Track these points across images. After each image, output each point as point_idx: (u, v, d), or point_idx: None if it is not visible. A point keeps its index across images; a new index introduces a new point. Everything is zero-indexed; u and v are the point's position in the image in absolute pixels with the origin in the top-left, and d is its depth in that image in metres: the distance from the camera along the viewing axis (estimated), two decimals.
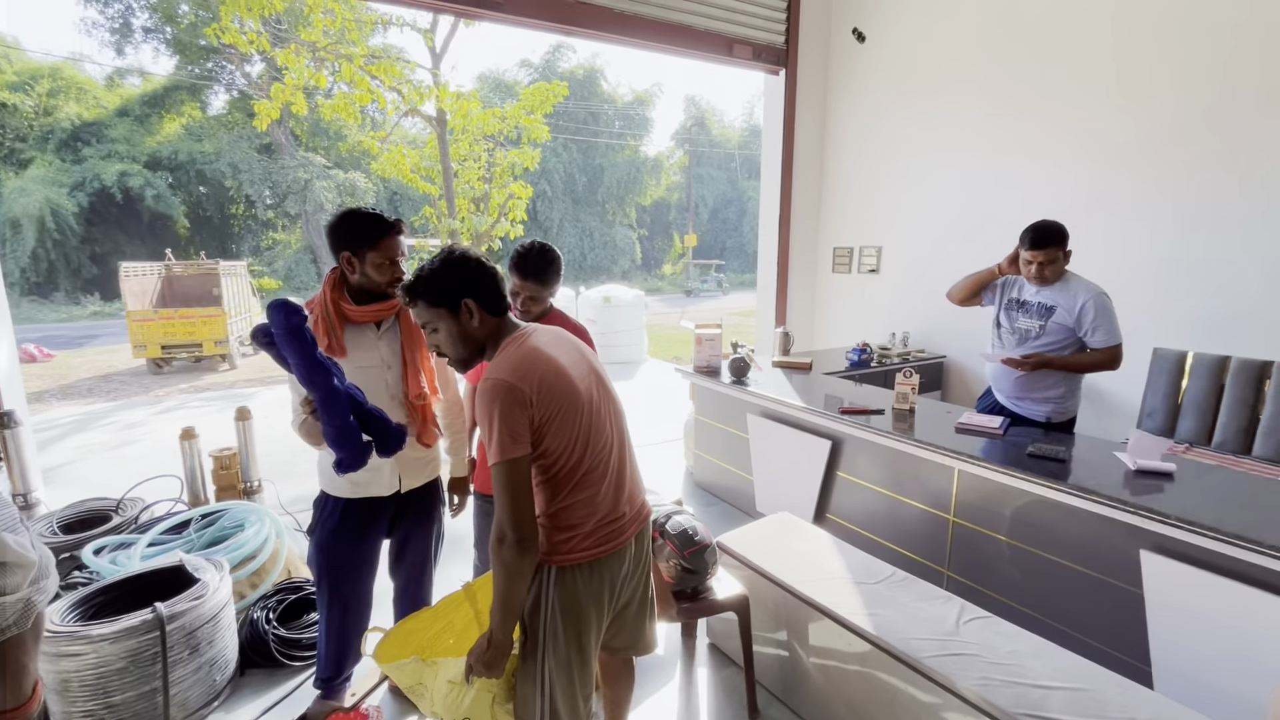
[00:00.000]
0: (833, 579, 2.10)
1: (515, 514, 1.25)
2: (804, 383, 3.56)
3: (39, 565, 0.70)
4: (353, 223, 1.73)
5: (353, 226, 1.73)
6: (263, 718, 2.12)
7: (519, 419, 1.27)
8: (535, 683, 1.40)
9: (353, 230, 1.72)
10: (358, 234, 1.72)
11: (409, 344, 1.87)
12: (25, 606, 0.70)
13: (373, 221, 1.74)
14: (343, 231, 1.73)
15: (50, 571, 0.72)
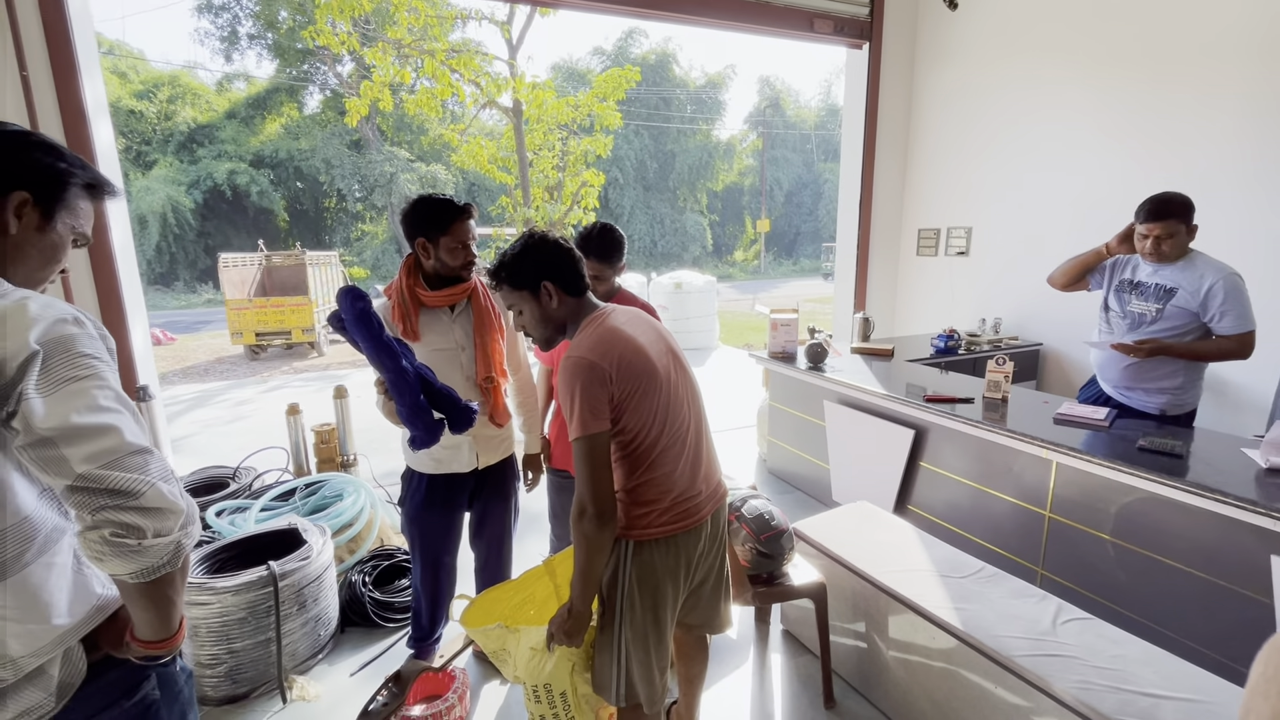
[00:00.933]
0: (916, 571, 2.03)
1: (595, 488, 1.28)
2: (885, 370, 3.43)
3: (186, 513, 0.78)
4: (425, 209, 1.78)
5: (425, 213, 1.78)
6: (360, 671, 2.28)
7: (599, 396, 1.29)
8: (612, 653, 1.43)
9: (425, 216, 1.78)
10: (430, 220, 1.78)
11: (479, 328, 1.93)
12: (176, 548, 0.78)
13: (443, 207, 1.78)
14: (416, 218, 1.79)
15: (195, 519, 0.81)
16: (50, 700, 0.84)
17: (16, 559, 0.78)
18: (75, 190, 0.92)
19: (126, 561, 0.75)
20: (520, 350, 2.11)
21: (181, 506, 0.79)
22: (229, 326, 10.19)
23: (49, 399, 0.74)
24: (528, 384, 2.16)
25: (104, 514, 0.73)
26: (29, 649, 0.81)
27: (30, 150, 0.87)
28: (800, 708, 2.07)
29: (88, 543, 0.74)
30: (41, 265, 0.91)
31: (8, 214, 0.84)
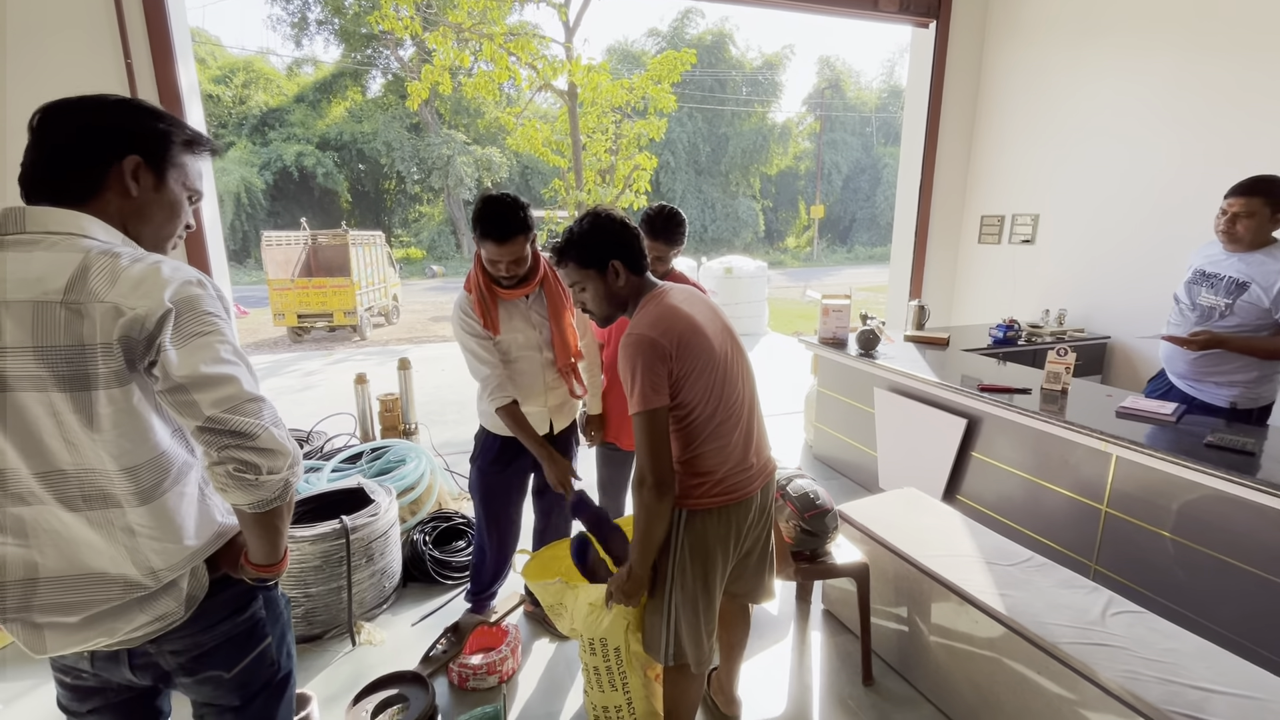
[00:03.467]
0: (962, 557, 2.03)
1: (655, 460, 1.35)
2: (939, 359, 3.38)
3: (293, 455, 0.89)
4: (476, 215, 1.81)
5: (476, 218, 1.81)
6: (421, 622, 2.45)
7: (659, 372, 1.36)
8: (662, 615, 1.51)
9: (476, 220, 1.82)
10: (476, 228, 1.82)
11: (554, 313, 2.03)
12: (285, 485, 0.89)
13: (486, 223, 1.78)
14: (473, 219, 1.83)
15: (300, 462, 0.92)
16: (180, 609, 0.97)
17: (156, 487, 0.91)
18: (178, 148, 0.98)
19: (246, 493, 0.87)
20: (585, 319, 2.19)
21: (290, 449, 0.90)
22: (271, 307, 9.89)
23: (181, 351, 0.86)
24: (592, 349, 2.26)
25: (227, 452, 0.85)
26: (166, 564, 0.94)
27: (134, 115, 0.94)
28: (838, 683, 2.11)
29: (215, 475, 0.86)
30: (165, 223, 1.00)
31: (126, 178, 0.92)
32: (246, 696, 1.07)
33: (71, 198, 0.89)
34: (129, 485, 0.89)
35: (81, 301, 0.82)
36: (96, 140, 0.91)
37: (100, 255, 0.85)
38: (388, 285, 11.75)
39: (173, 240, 1.03)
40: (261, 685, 1.09)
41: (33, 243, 0.85)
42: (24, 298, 0.81)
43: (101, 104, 0.92)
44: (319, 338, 10.23)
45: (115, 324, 0.82)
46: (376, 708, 1.90)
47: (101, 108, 0.92)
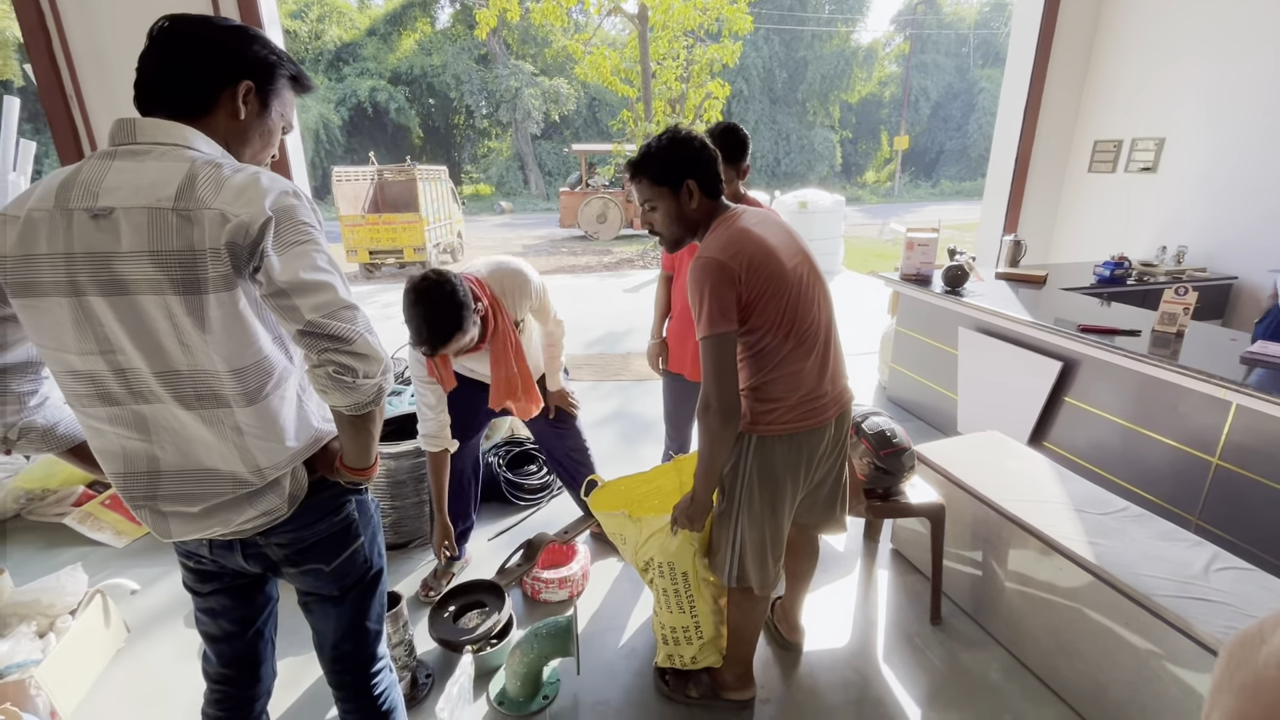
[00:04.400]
0: (1048, 503, 1.93)
1: (720, 386, 1.33)
2: (1033, 298, 3.14)
3: (385, 362, 0.92)
4: (407, 319, 1.74)
5: (407, 321, 1.75)
6: (497, 537, 2.59)
7: (728, 296, 1.31)
8: (728, 538, 1.53)
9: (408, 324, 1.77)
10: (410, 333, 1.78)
11: (494, 362, 2.02)
12: (378, 390, 0.93)
13: (415, 336, 1.74)
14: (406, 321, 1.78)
15: (391, 369, 0.95)
16: (284, 506, 1.05)
17: (260, 389, 0.97)
18: (283, 80, 1.04)
19: (344, 395, 0.91)
20: (550, 308, 2.17)
21: (382, 356, 0.93)
22: (344, 243, 9.79)
23: (282, 257, 0.88)
24: (554, 336, 2.24)
25: (327, 355, 0.88)
26: (270, 462, 1.01)
27: (251, 43, 0.98)
28: (905, 620, 2.10)
29: (316, 378, 0.90)
30: (262, 148, 1.05)
31: (238, 100, 0.97)
32: (344, 588, 1.16)
33: (185, 113, 0.94)
34: (237, 386, 0.94)
35: (191, 208, 0.86)
36: (217, 62, 0.95)
37: (205, 165, 0.88)
38: (453, 222, 11.57)
39: (267, 160, 1.07)
40: (356, 579, 1.18)
41: (144, 152, 0.89)
42: (139, 204, 0.85)
43: (224, 28, 0.96)
44: (390, 274, 10.16)
45: (222, 230, 0.86)
46: (459, 609, 2.05)
47: (223, 31, 0.95)
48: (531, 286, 2.06)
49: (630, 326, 6.13)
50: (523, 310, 2.10)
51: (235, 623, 1.18)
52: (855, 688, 1.84)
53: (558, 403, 2.32)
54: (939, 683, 1.85)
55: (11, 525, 2.75)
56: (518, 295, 2.04)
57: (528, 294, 2.06)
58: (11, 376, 0.98)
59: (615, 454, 3.27)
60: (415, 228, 9.76)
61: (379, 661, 1.26)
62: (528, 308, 2.10)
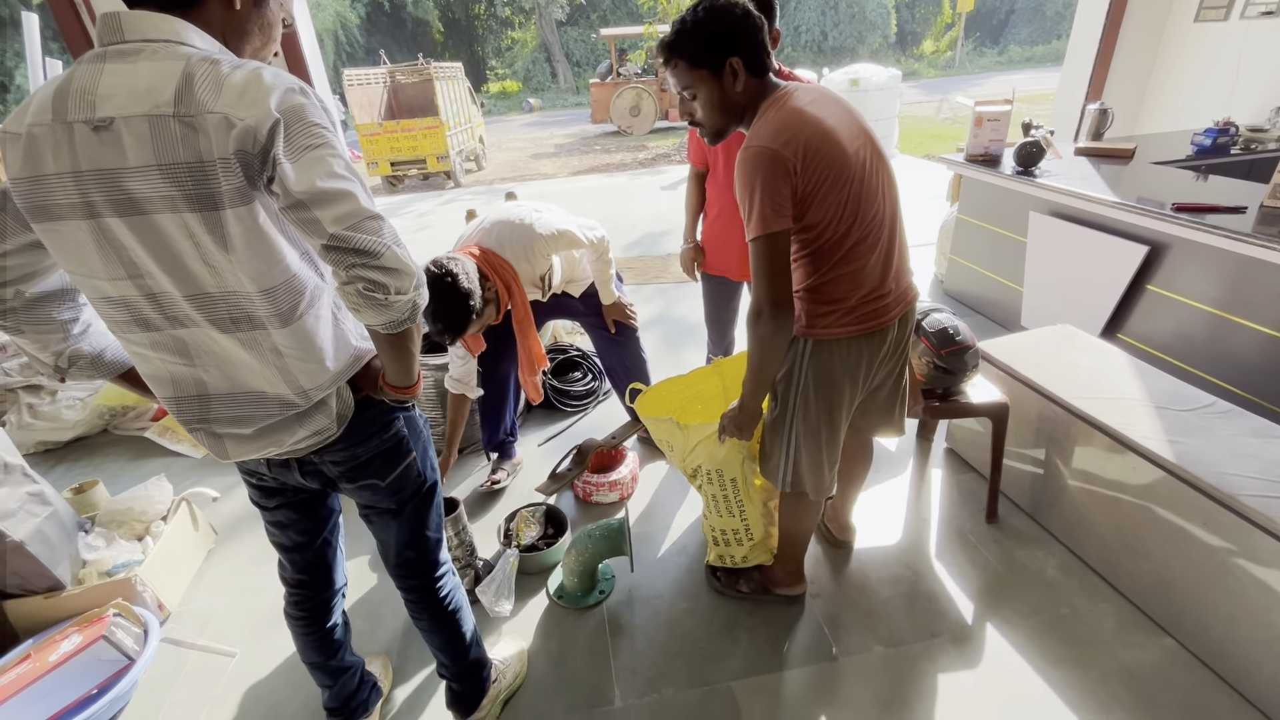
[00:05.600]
0: (1123, 400, 1.81)
1: (773, 289, 1.22)
2: (1117, 174, 2.82)
3: (417, 276, 0.86)
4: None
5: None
6: (547, 443, 2.65)
7: (781, 189, 1.18)
8: (781, 446, 1.48)
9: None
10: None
11: (519, 330, 2.01)
12: (413, 306, 0.88)
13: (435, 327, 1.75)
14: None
15: (424, 283, 0.89)
16: (333, 425, 1.04)
17: (293, 309, 0.93)
18: None
19: (378, 313, 0.86)
20: (580, 240, 2.01)
21: (413, 269, 0.87)
22: (364, 154, 9.06)
23: (296, 165, 0.81)
24: (599, 251, 2.10)
25: (355, 270, 0.82)
26: (313, 383, 0.99)
27: None
28: (959, 518, 2.08)
29: (346, 295, 0.85)
30: (263, 44, 0.95)
31: None
32: (400, 501, 1.19)
33: (175, 4, 0.84)
34: (269, 307, 0.90)
35: (193, 114, 0.78)
36: None
37: (201, 62, 0.80)
38: (474, 126, 10.75)
39: (270, 57, 0.97)
40: (412, 493, 1.19)
41: (135, 52, 0.81)
42: (138, 112, 0.78)
43: None
44: (414, 187, 9.57)
45: (228, 137, 0.79)
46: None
47: None
48: (542, 239, 1.92)
49: (669, 227, 5.92)
50: (544, 263, 1.99)
51: (302, 534, 1.23)
52: (906, 582, 1.85)
53: (615, 316, 2.24)
54: (992, 578, 1.85)
55: (100, 440, 2.96)
56: (531, 252, 1.93)
57: (540, 249, 1.93)
58: (51, 304, 0.97)
59: (659, 358, 3.23)
60: (437, 133, 9.02)
61: (441, 567, 1.30)
62: (550, 256, 2.00)
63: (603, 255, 2.10)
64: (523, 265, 1.93)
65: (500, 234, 1.91)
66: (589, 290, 2.23)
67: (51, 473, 2.75)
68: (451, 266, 1.70)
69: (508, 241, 1.90)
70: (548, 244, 1.94)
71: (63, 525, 1.88)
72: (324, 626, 1.31)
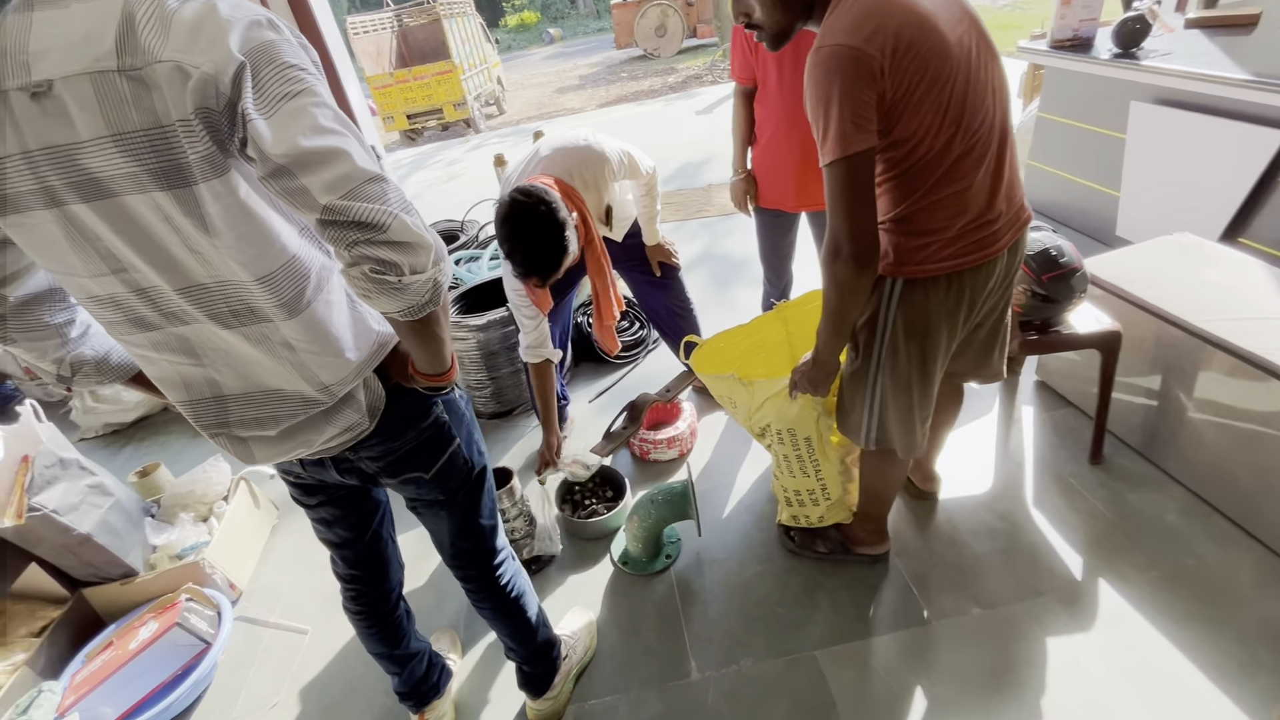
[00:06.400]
0: (1263, 319, 1.54)
1: (853, 222, 1.02)
2: (1238, 46, 2.39)
3: (435, 248, 0.70)
4: (501, 240, 1.53)
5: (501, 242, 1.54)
6: (598, 399, 2.53)
7: (864, 98, 0.95)
8: (864, 400, 1.31)
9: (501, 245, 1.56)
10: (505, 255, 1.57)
11: (596, 274, 1.83)
12: (434, 286, 0.73)
13: (513, 262, 1.54)
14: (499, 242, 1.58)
15: (445, 255, 0.74)
16: (365, 420, 0.93)
17: (299, 297, 0.79)
18: None
19: (393, 299, 0.71)
20: (640, 166, 1.82)
21: (429, 241, 0.71)
22: (378, 110, 8.60)
23: (271, 120, 0.65)
24: (648, 186, 1.90)
25: (359, 249, 0.67)
26: (335, 378, 0.86)
27: None
28: (1057, 460, 1.87)
29: (353, 281, 0.70)
30: None
31: None
32: (449, 491, 1.08)
33: None
34: (270, 297, 0.77)
35: (139, 66, 0.63)
36: None
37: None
38: (489, 66, 10.14)
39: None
40: (460, 481, 1.08)
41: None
42: (76, 69, 0.63)
43: None
44: (434, 138, 9.14)
45: (185, 91, 0.63)
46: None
47: None
48: (610, 164, 1.72)
49: (708, 154, 5.55)
50: (610, 191, 1.79)
51: (350, 529, 1.15)
52: (1002, 535, 1.69)
53: (659, 257, 2.05)
54: (1102, 527, 1.66)
55: (162, 419, 3.01)
56: (600, 179, 1.72)
57: (609, 172, 1.73)
58: (40, 308, 0.86)
59: (708, 300, 3.04)
60: (451, 79, 8.53)
61: (499, 554, 1.21)
62: (614, 184, 1.79)
63: (653, 189, 1.90)
64: (591, 195, 1.73)
65: (566, 161, 1.67)
66: (631, 231, 2.03)
67: (120, 454, 2.82)
68: (544, 194, 1.46)
69: (575, 169, 1.68)
70: (618, 166, 1.74)
71: (127, 513, 1.89)
72: (385, 619, 1.25)
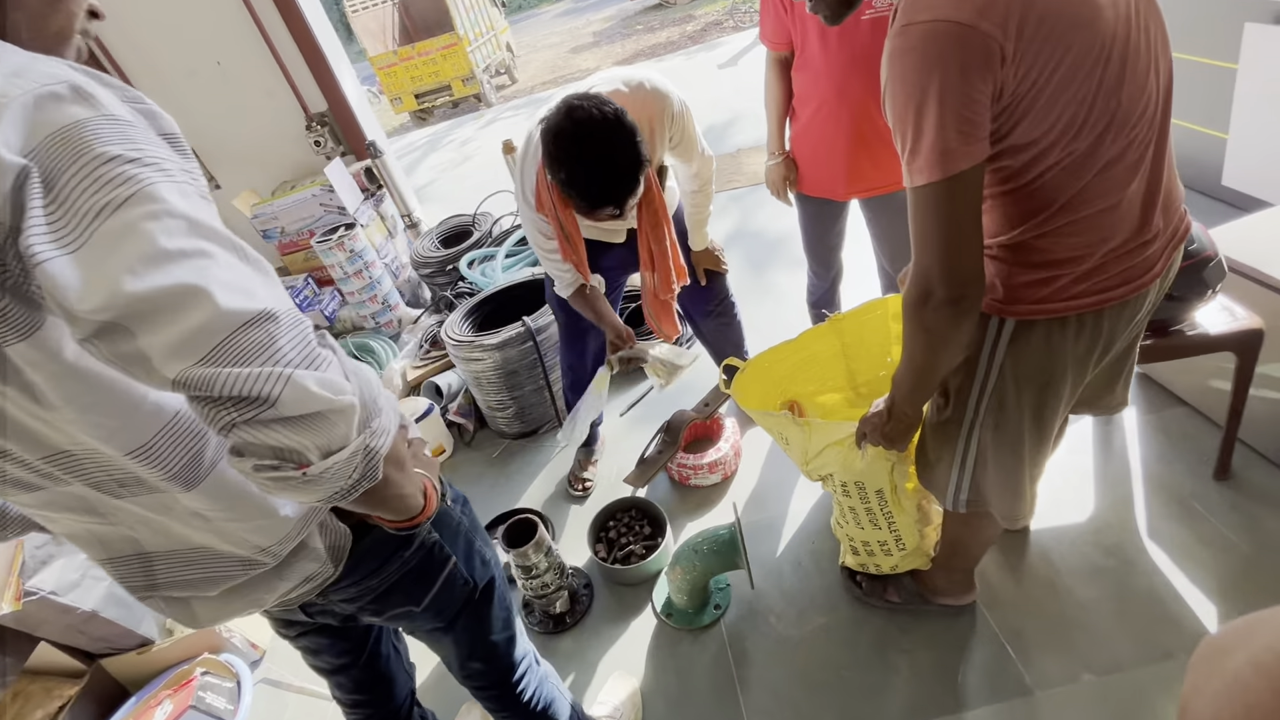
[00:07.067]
0: None
1: (951, 258, 0.76)
2: None
3: (361, 403, 0.48)
4: (557, 160, 1.25)
5: (556, 164, 1.25)
6: (629, 411, 2.32)
7: (977, 95, 0.68)
8: (955, 455, 1.05)
9: (554, 169, 1.27)
10: (561, 179, 1.26)
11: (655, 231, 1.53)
12: (365, 459, 0.50)
13: (577, 190, 1.25)
14: (550, 165, 1.29)
15: (381, 406, 0.52)
16: (327, 567, 0.73)
17: (193, 464, 0.59)
18: None
19: (302, 493, 0.50)
20: (696, 136, 1.51)
21: (348, 399, 0.49)
22: (384, 91, 8.39)
23: (78, 255, 0.43)
24: (703, 178, 1.60)
25: (239, 433, 0.46)
26: (273, 539, 0.67)
27: None
28: (1173, 475, 1.58)
29: (240, 469, 0.49)
30: (49, 7, 0.54)
31: None
32: (449, 618, 0.89)
33: None
34: (156, 470, 0.57)
35: None
36: None
37: None
38: (497, 33, 9.55)
39: (72, 38, 0.57)
40: (461, 605, 0.89)
41: None
42: None
43: None
44: (444, 116, 8.68)
45: None
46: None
47: None
48: (672, 109, 1.42)
49: (734, 114, 5.14)
50: (662, 148, 1.48)
51: (341, 654, 0.97)
52: (1111, 577, 1.43)
53: (707, 264, 1.78)
54: (1238, 563, 1.38)
55: None
56: (660, 125, 1.42)
57: (670, 121, 1.43)
58: None
59: (745, 287, 2.74)
60: (456, 52, 8.06)
61: (519, 668, 1.02)
62: (669, 144, 1.48)
63: (708, 183, 1.62)
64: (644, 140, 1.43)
65: (628, 89, 1.35)
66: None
67: None
68: (603, 100, 1.19)
69: (639, 102, 1.35)
70: (679, 118, 1.43)
71: None
72: None
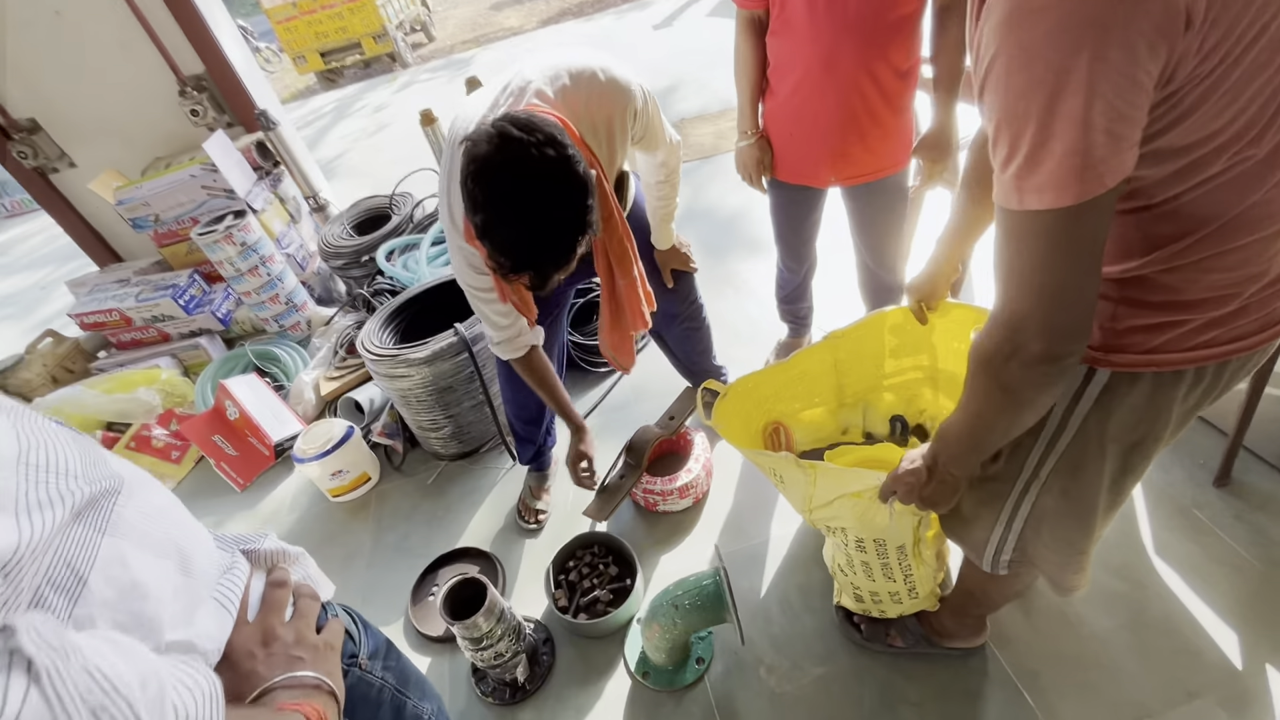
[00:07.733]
0: None
1: (1062, 305, 0.56)
2: None
3: None
4: (475, 210, 0.92)
5: (474, 216, 0.93)
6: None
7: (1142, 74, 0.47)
8: (1001, 516, 0.87)
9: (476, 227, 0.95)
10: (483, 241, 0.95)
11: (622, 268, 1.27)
12: None
13: (500, 257, 0.93)
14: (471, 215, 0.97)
15: None
16: None
17: None
18: None
19: None
20: (661, 124, 1.25)
21: None
22: (285, 49, 7.74)
23: None
24: (669, 168, 1.35)
25: None
26: None
27: None
28: (1170, 481, 1.49)
29: None
30: None
31: None
32: None
33: None
34: None
35: None
36: None
37: None
38: None
39: None
40: None
41: None
42: None
43: None
44: (356, 77, 8.06)
45: None
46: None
47: None
48: (635, 105, 1.15)
49: (673, 80, 4.83)
50: (624, 146, 1.20)
51: None
52: (1124, 604, 1.32)
53: (676, 264, 1.54)
54: (1252, 582, 1.30)
55: None
56: (620, 125, 1.14)
57: (633, 119, 1.16)
58: None
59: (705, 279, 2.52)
60: (366, 6, 7.40)
61: None
62: (631, 139, 1.21)
63: (674, 172, 1.36)
64: (602, 150, 1.16)
65: (572, 96, 1.08)
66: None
67: None
68: (550, 129, 0.89)
69: (584, 108, 1.09)
70: (640, 110, 1.16)
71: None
72: None
